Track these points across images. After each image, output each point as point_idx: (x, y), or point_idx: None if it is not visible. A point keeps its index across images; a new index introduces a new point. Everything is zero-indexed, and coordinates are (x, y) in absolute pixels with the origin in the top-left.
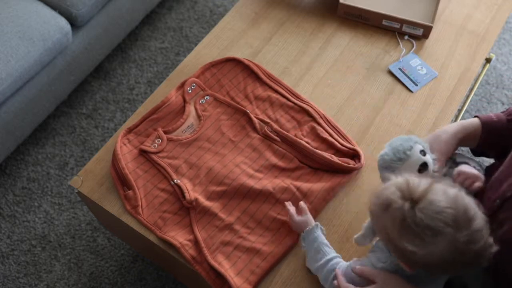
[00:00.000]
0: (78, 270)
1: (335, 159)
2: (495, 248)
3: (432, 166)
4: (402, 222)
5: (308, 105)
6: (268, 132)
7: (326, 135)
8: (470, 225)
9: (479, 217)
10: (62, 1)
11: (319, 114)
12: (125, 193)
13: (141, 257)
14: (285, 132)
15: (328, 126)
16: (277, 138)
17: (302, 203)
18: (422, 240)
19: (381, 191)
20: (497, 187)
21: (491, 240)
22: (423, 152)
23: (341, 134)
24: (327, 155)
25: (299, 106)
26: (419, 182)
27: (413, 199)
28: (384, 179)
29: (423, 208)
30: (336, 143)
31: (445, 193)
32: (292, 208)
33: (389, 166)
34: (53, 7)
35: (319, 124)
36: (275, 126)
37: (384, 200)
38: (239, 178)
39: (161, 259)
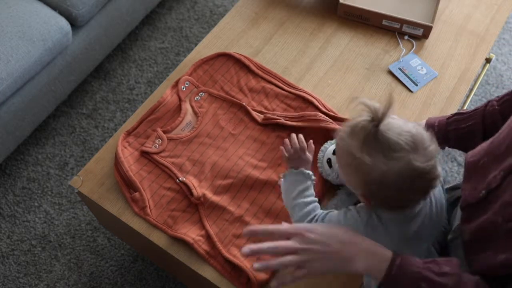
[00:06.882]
0: (78, 270)
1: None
2: (440, 180)
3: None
4: (365, 138)
5: (301, 91)
6: (268, 117)
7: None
8: (426, 150)
9: (433, 144)
10: (62, 1)
11: (314, 98)
12: (131, 196)
13: (141, 257)
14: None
15: (326, 109)
16: (281, 119)
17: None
18: (383, 156)
19: (351, 120)
20: (483, 178)
21: (439, 170)
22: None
23: (339, 118)
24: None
25: (294, 94)
26: (380, 107)
27: (374, 119)
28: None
29: (385, 127)
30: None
31: (404, 122)
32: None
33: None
34: (53, 7)
35: (317, 108)
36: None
37: (352, 124)
38: (244, 170)
39: (161, 259)
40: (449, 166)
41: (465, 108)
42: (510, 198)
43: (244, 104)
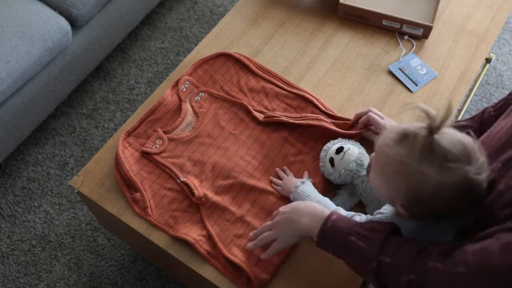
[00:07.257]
0: (78, 270)
1: (331, 125)
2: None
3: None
4: (423, 146)
5: (301, 91)
6: (269, 115)
7: (325, 118)
8: (478, 161)
9: (483, 157)
10: (62, 1)
11: (314, 98)
12: (132, 196)
13: (141, 257)
14: (283, 115)
15: (325, 109)
16: (282, 117)
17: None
18: (438, 166)
19: (398, 127)
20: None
21: (486, 184)
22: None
23: (339, 117)
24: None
25: (294, 93)
26: (438, 114)
27: (432, 127)
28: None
29: (439, 136)
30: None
31: (454, 132)
32: (276, 180)
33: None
34: (53, 7)
35: (316, 107)
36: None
37: (404, 131)
38: (245, 170)
39: (162, 259)
40: None
41: (465, 108)
42: (504, 186)
43: (244, 103)
